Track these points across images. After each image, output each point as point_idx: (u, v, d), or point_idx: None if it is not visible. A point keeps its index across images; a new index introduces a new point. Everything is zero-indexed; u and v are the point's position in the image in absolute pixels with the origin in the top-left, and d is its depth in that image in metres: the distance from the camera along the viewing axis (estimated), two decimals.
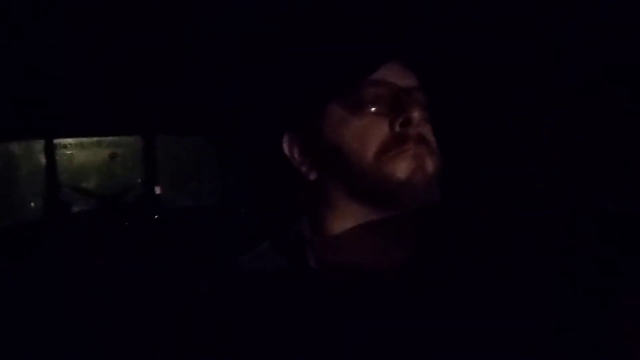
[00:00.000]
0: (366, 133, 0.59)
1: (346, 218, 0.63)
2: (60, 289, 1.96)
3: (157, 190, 2.61)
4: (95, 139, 3.27)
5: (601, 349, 0.56)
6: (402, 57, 0.62)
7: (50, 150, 2.48)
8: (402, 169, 0.57)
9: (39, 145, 2.70)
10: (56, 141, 2.55)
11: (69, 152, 3.28)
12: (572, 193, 0.85)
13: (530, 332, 0.55)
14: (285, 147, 0.66)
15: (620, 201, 0.79)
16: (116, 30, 1.38)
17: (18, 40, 1.36)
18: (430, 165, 0.59)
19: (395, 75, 0.61)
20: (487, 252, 0.61)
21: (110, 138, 3.29)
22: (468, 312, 0.56)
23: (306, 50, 0.68)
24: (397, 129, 0.58)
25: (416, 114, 0.58)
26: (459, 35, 0.83)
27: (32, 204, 3.06)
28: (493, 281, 0.58)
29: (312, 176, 0.64)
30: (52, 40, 1.42)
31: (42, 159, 2.53)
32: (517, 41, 0.89)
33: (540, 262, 0.61)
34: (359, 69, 0.60)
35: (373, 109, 0.59)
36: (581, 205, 0.84)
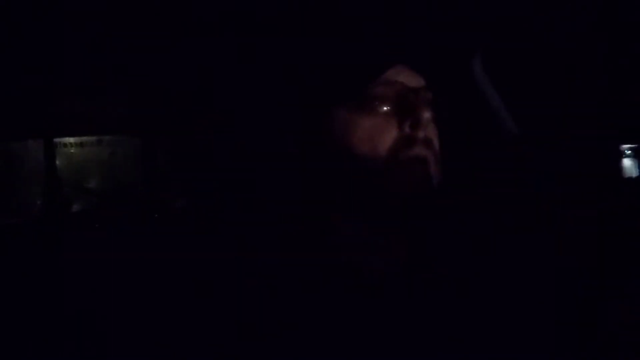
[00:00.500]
0: (375, 135, 0.59)
1: (348, 217, 0.63)
2: (61, 289, 1.96)
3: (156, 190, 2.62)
4: (95, 138, 3.27)
5: (601, 348, 0.56)
6: (411, 58, 0.62)
7: (50, 150, 2.48)
8: (408, 175, 0.57)
9: (39, 144, 2.70)
10: (56, 140, 2.55)
11: (69, 151, 3.28)
12: (572, 193, 0.85)
13: (530, 331, 0.55)
14: (290, 146, 0.66)
15: (615, 201, 0.80)
16: (116, 30, 1.38)
17: (18, 40, 1.36)
18: (434, 170, 0.59)
19: (403, 75, 0.61)
20: (487, 252, 0.61)
21: (110, 138, 3.29)
22: (468, 312, 0.56)
23: (314, 50, 0.67)
24: (406, 130, 0.58)
25: (425, 115, 0.58)
26: (461, 36, 0.83)
27: (32, 203, 3.06)
28: (493, 281, 0.59)
29: (316, 175, 0.64)
30: (52, 40, 1.42)
31: (42, 159, 2.53)
32: (517, 41, 0.89)
33: (540, 261, 0.62)
34: (369, 70, 0.60)
35: (382, 109, 0.59)
36: (580, 205, 0.84)
